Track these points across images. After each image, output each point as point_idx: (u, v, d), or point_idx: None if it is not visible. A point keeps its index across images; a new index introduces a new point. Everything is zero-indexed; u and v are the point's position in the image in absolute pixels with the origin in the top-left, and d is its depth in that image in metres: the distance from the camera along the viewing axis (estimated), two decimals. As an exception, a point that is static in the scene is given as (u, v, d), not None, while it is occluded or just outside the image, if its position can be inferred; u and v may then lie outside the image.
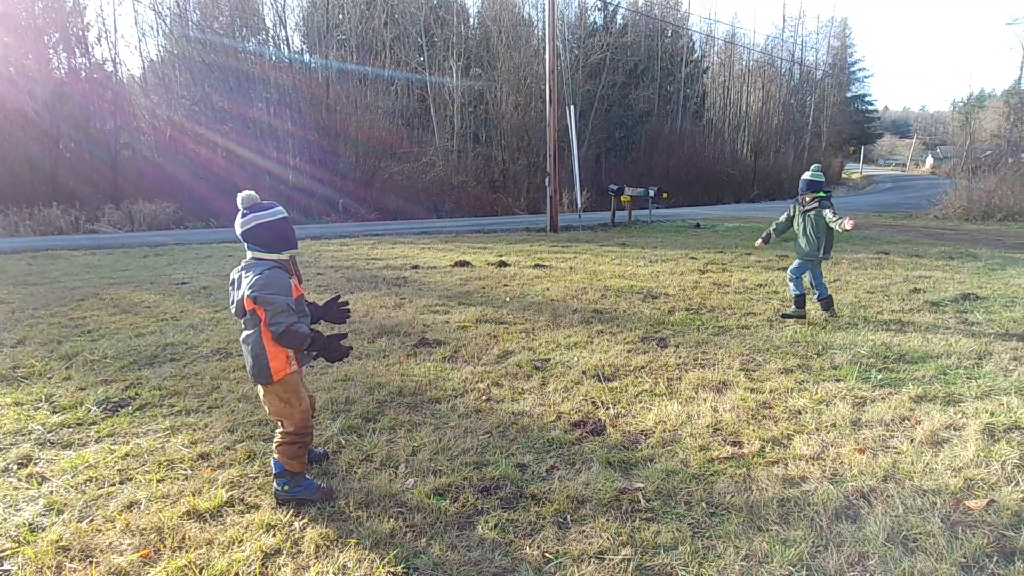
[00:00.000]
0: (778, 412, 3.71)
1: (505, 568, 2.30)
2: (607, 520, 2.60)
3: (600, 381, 4.30)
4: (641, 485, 2.87)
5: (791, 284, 5.99)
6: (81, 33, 22.61)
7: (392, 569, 2.28)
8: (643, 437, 3.41)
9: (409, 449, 3.26)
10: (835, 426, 3.50)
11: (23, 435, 3.50)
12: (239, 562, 2.33)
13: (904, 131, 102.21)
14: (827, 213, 5.59)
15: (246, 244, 2.70)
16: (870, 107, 65.62)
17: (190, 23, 24.27)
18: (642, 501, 2.74)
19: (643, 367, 4.59)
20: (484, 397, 4.01)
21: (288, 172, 23.32)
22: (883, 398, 3.92)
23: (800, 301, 5.94)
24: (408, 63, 27.81)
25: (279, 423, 2.77)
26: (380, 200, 23.63)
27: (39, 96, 20.39)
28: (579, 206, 17.29)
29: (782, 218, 6.07)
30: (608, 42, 32.44)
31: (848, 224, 5.32)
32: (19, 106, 19.93)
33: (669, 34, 38.73)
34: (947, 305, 6.53)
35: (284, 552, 2.41)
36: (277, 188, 22.23)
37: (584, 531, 2.53)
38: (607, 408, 3.81)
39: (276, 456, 2.73)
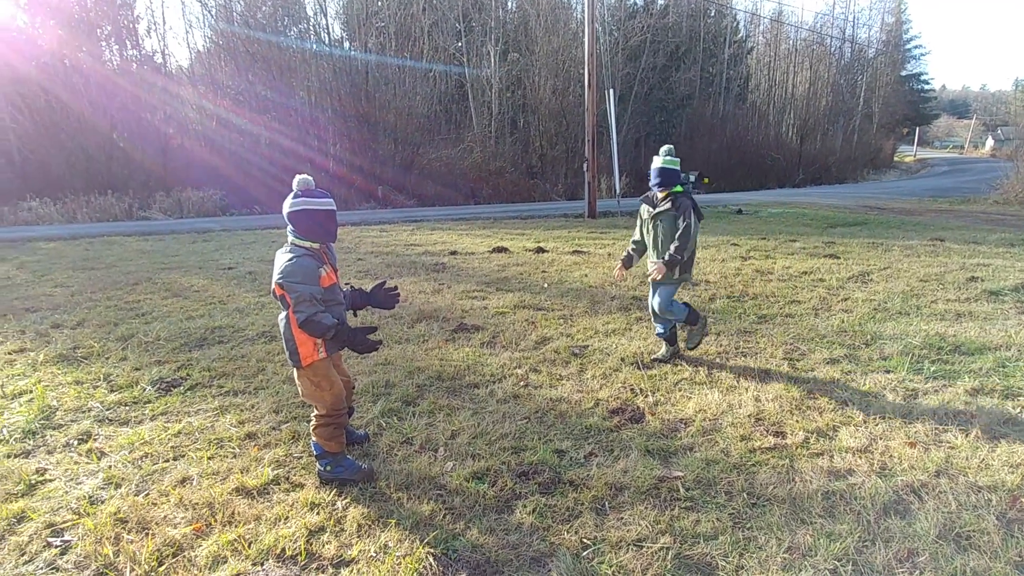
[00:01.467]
0: (823, 403, 3.61)
1: (543, 553, 2.32)
2: (646, 508, 2.58)
3: (639, 368, 4.26)
4: (680, 474, 2.84)
5: (657, 324, 4.45)
6: (131, 26, 23.36)
7: (432, 550, 2.32)
8: (682, 425, 3.37)
9: (448, 433, 3.30)
10: (884, 418, 3.39)
11: (83, 412, 3.68)
12: (285, 538, 2.41)
13: (963, 111, 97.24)
14: (680, 221, 4.06)
15: (289, 226, 2.74)
16: (926, 86, 62.66)
17: (234, 14, 24.78)
18: (681, 490, 2.72)
19: (682, 355, 4.52)
20: (522, 383, 4.02)
21: (328, 160, 23.70)
22: (936, 391, 3.77)
23: (670, 338, 4.42)
24: (446, 49, 27.80)
25: (313, 406, 2.84)
26: (418, 186, 23.81)
27: (93, 88, 21.20)
28: (618, 192, 17.07)
29: (637, 234, 4.43)
30: (649, 23, 31.72)
31: (656, 274, 4.12)
32: (74, 98, 20.76)
33: (712, 14, 37.59)
34: (1007, 294, 6.21)
35: (328, 530, 2.48)
36: (318, 175, 22.51)
37: (622, 518, 2.52)
38: (646, 396, 3.78)
39: (315, 439, 2.81)
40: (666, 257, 4.07)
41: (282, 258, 2.67)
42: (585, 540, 2.39)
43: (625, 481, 2.79)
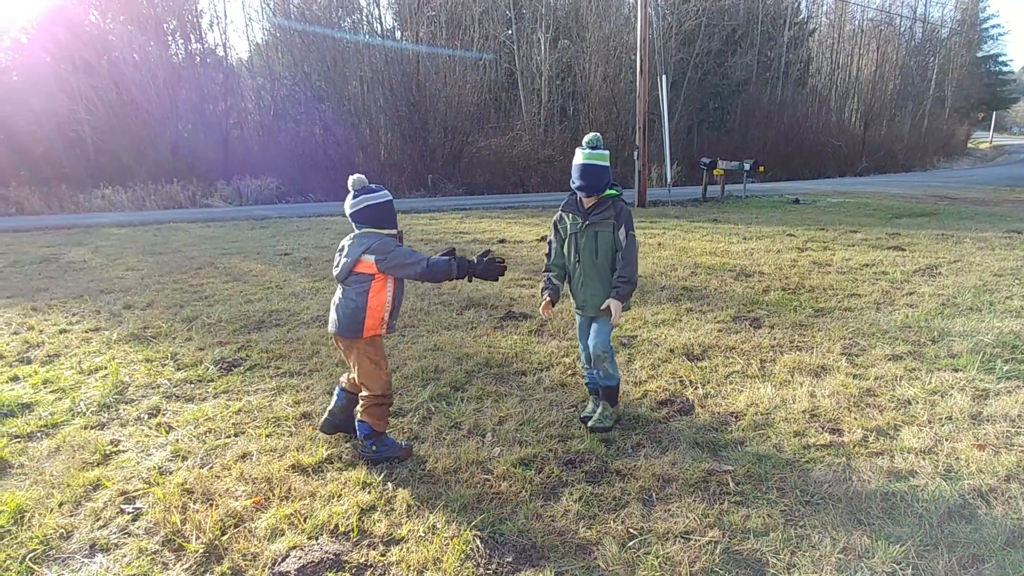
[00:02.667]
0: (884, 401, 3.47)
1: (589, 541, 2.33)
2: (694, 500, 2.55)
3: (688, 360, 4.19)
4: (730, 467, 2.79)
5: (587, 370, 3.42)
6: (195, 20, 24.27)
7: (479, 533, 2.36)
8: (733, 419, 3.30)
9: (496, 419, 3.34)
10: (951, 419, 3.23)
11: (152, 388, 3.90)
12: (338, 515, 2.49)
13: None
14: (620, 234, 3.13)
15: (355, 224, 2.92)
16: (1004, 68, 58.59)
17: (291, 6, 25.40)
18: (731, 484, 2.67)
19: (734, 347, 4.42)
20: (570, 371, 4.02)
21: (380, 148, 24.12)
22: (1009, 391, 3.56)
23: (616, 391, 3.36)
24: (496, 37, 27.74)
25: (363, 387, 2.92)
26: (467, 175, 23.95)
27: (160, 80, 22.17)
28: (669, 180, 16.73)
29: (554, 254, 3.35)
30: (704, 7, 30.73)
31: (617, 317, 3.12)
32: (143, 90, 21.77)
33: (772, -5, 36.12)
34: (1093, 291, 5.79)
35: (378, 509, 2.55)
36: (369, 164, 23.04)
37: (670, 510, 2.50)
38: (695, 388, 3.72)
39: (364, 419, 2.90)
40: (619, 289, 3.07)
41: (364, 241, 2.84)
42: (631, 530, 2.38)
43: (673, 473, 2.76)
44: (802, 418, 3.27)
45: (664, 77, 15.84)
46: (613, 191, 3.19)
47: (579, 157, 3.10)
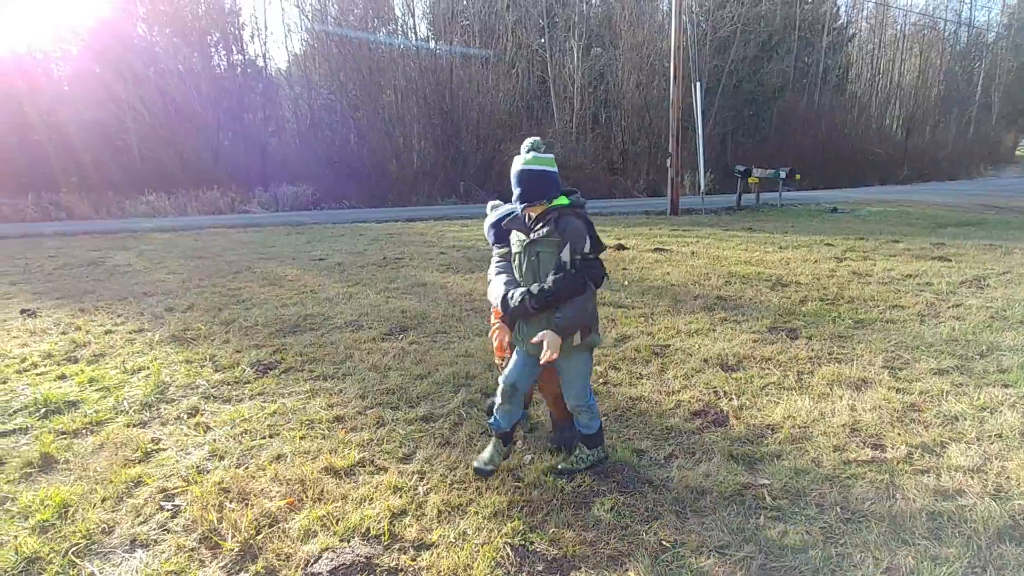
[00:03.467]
0: (929, 416, 3.34)
1: (621, 552, 2.29)
2: (728, 514, 2.49)
3: (723, 370, 4.11)
4: (767, 481, 2.72)
5: (497, 414, 2.80)
6: (237, 32, 25.04)
7: (509, 541, 2.35)
8: (769, 432, 3.23)
9: (527, 426, 3.33)
10: (1000, 436, 3.09)
11: (192, 389, 4.00)
12: (370, 518, 2.51)
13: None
14: (564, 255, 2.55)
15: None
16: (1057, 73, 56.09)
17: (329, 17, 26.00)
18: (767, 498, 2.60)
19: (770, 358, 4.32)
20: (602, 379, 3.98)
21: (413, 156, 24.43)
22: (1065, 409, 3.39)
23: (507, 437, 2.82)
24: (529, 45, 27.88)
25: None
26: (499, 182, 24.03)
27: (203, 91, 22.90)
28: (702, 188, 16.51)
29: (505, 274, 2.86)
30: (740, 13, 30.36)
31: (550, 353, 2.51)
32: (187, 100, 22.52)
33: (810, 0, 35.48)
34: None
35: (409, 513, 2.56)
36: (403, 171, 23.37)
37: (704, 523, 2.45)
38: (730, 399, 3.64)
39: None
40: (558, 320, 2.52)
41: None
42: (664, 542, 2.34)
43: (707, 485, 2.70)
44: (842, 432, 3.18)
45: (699, 84, 15.66)
46: (563, 199, 2.62)
47: (519, 162, 2.61)
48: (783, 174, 16.59)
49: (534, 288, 2.55)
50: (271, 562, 2.27)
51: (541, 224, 2.58)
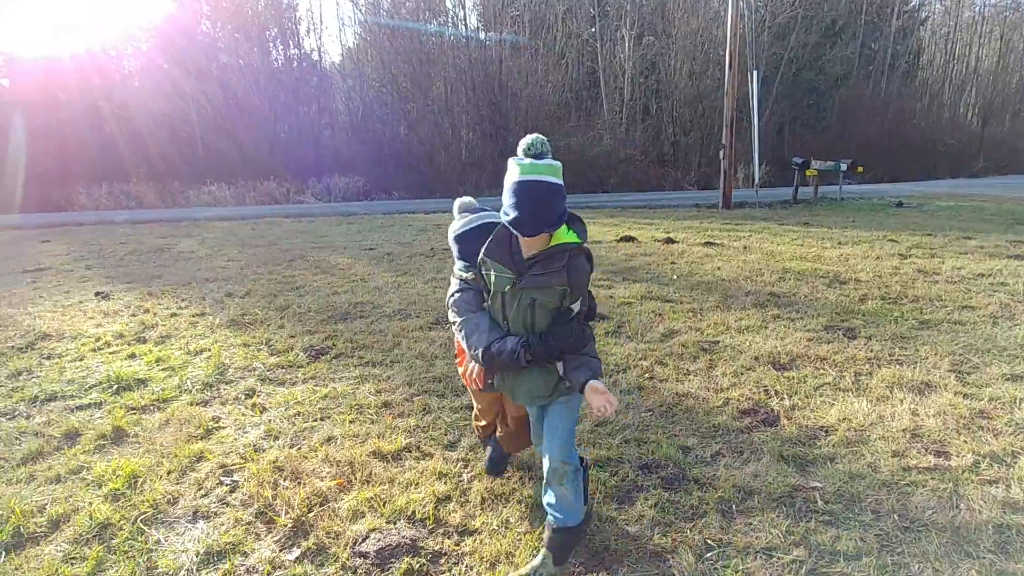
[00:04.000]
0: (1000, 424, 3.16)
1: (664, 548, 2.27)
2: (777, 516, 2.43)
3: (774, 369, 4.00)
4: (819, 485, 2.64)
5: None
6: (294, 27, 25.74)
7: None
8: (823, 433, 3.12)
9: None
10: (1079, 448, 2.90)
11: (249, 371, 4.17)
12: (415, 502, 2.57)
13: None
14: (575, 307, 2.05)
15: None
16: None
17: (381, 10, 26.38)
18: (819, 502, 2.52)
19: (826, 358, 4.17)
20: (647, 375, 3.94)
21: (461, 147, 24.61)
22: None
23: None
24: (579, 35, 27.58)
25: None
26: (546, 174, 23.97)
27: (261, 84, 23.67)
28: (756, 181, 16.02)
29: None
30: (801, -2, 29.16)
31: (609, 410, 1.95)
32: (246, 94, 23.32)
33: (878, -18, 33.71)
34: None
35: (454, 499, 2.61)
36: (451, 162, 23.57)
37: (751, 523, 2.40)
38: (781, 398, 3.54)
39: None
40: (591, 364, 2.04)
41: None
42: (709, 541, 2.30)
43: (755, 485, 2.64)
44: (902, 437, 3.04)
45: (755, 72, 15.16)
46: (572, 235, 1.99)
47: (516, 171, 1.92)
48: (844, 166, 15.92)
49: (533, 339, 1.99)
50: (321, 539, 2.36)
51: (546, 267, 1.96)
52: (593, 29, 28.53)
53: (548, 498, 2.13)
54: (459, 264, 2.31)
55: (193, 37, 23.64)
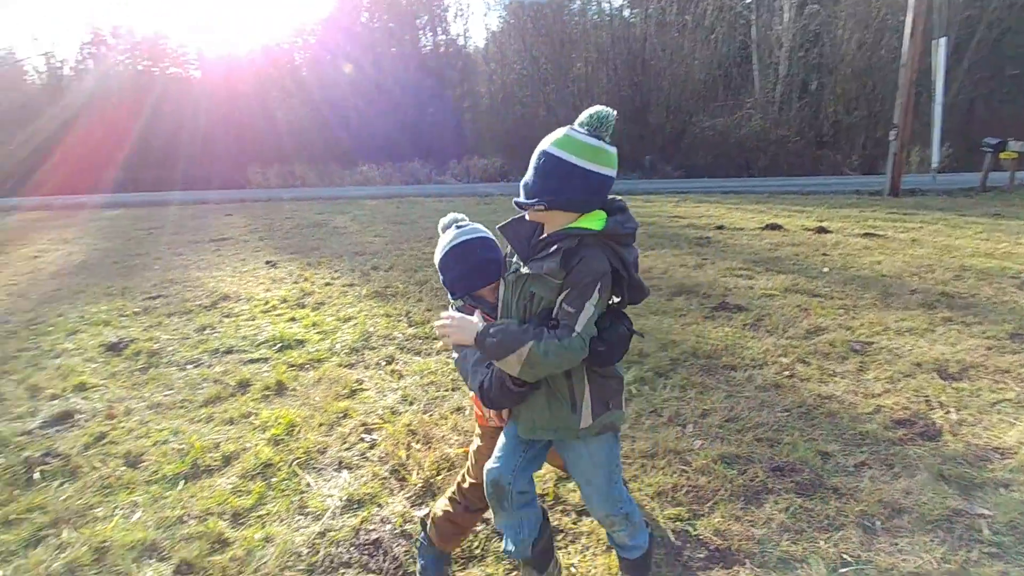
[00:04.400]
0: None
1: (794, 556, 2.14)
2: (931, 540, 2.18)
3: (940, 378, 3.55)
4: (987, 512, 2.33)
5: (504, 534, 1.88)
6: (442, 13, 26.82)
7: (672, 524, 2.32)
8: (997, 455, 2.73)
9: (699, 411, 3.22)
10: None
11: (390, 340, 4.51)
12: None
13: None
14: (564, 302, 1.57)
15: None
16: None
17: (525, -6, 26.61)
18: (985, 531, 2.22)
19: (1008, 371, 3.62)
20: (787, 372, 3.68)
21: (599, 129, 24.29)
22: None
23: (542, 557, 1.90)
24: (732, 7, 25.83)
25: None
26: (687, 157, 22.98)
27: (411, 69, 25.03)
28: (934, 165, 14.10)
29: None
30: (1008, -51, 24.84)
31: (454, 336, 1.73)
32: (397, 79, 24.80)
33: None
34: None
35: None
36: (588, 145, 23.37)
37: (897, 544, 2.18)
38: (947, 411, 3.14)
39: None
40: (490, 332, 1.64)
41: None
42: (845, 555, 2.13)
43: (906, 503, 2.39)
44: (1103, 470, 2.58)
45: (944, 40, 13.25)
46: (598, 222, 1.60)
47: (545, 140, 1.64)
48: (994, 144, 13.45)
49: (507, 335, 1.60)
50: (447, 501, 2.52)
51: (548, 249, 1.62)
52: (748, 0, 26.56)
53: (611, 540, 2.00)
54: (452, 302, 1.99)
55: (352, 29, 25.57)
